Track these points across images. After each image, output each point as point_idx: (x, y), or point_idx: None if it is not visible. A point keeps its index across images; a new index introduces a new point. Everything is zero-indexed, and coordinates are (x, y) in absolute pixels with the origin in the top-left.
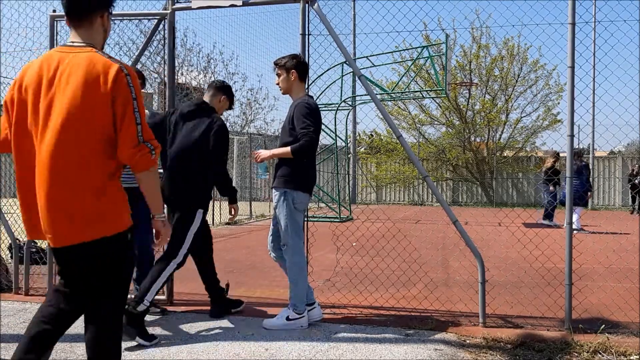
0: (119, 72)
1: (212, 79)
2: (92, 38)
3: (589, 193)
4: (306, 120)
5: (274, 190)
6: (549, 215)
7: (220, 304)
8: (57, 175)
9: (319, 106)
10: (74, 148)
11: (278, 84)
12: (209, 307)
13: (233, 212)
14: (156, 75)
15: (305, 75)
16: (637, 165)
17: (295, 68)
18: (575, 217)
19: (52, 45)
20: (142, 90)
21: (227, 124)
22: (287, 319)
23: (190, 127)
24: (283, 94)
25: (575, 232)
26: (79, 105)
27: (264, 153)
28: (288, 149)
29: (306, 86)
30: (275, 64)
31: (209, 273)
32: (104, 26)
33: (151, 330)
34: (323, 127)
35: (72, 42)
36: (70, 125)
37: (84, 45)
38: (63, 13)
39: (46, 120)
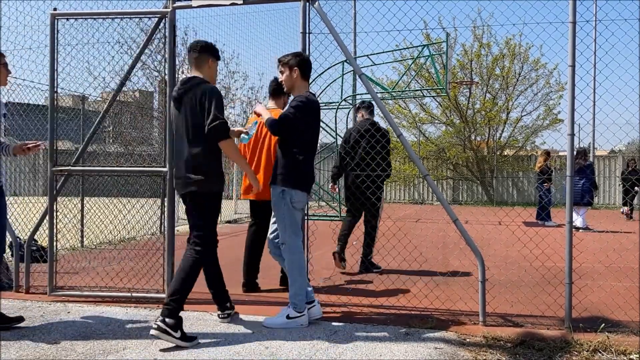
0: None
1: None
2: (281, 106)
3: (594, 192)
4: (292, 108)
5: (272, 189)
6: (548, 214)
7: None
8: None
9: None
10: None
11: (281, 81)
12: (209, 306)
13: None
14: (157, 74)
15: (308, 73)
16: (633, 162)
17: (298, 66)
18: (582, 215)
19: (52, 44)
20: (142, 89)
21: (228, 123)
22: (288, 317)
23: (366, 142)
24: (286, 91)
25: (581, 231)
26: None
27: (260, 107)
28: (269, 117)
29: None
30: (279, 61)
31: None
32: (285, 101)
33: (151, 328)
34: (323, 125)
35: (271, 107)
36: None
37: (276, 108)
38: (64, 11)
39: (265, 142)
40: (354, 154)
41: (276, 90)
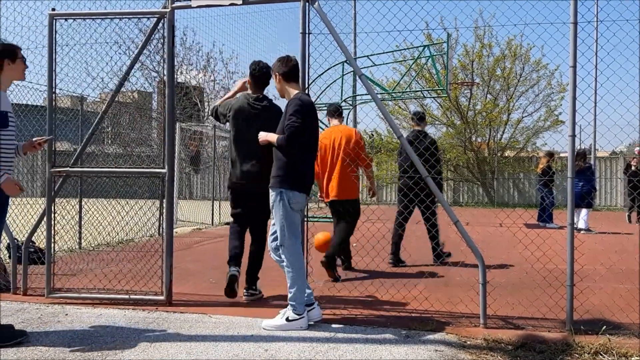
0: (357, 133)
1: (212, 77)
2: (341, 122)
3: (593, 193)
4: (292, 116)
5: (270, 190)
6: (550, 216)
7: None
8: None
9: (319, 105)
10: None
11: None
12: (208, 307)
13: None
14: (155, 74)
15: (292, 75)
16: (635, 160)
17: (278, 71)
18: (584, 217)
19: (51, 45)
20: (141, 90)
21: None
22: (287, 319)
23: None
24: (281, 97)
25: (582, 232)
26: (345, 146)
27: (262, 134)
28: (276, 138)
29: (306, 85)
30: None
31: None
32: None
33: (150, 329)
34: (323, 126)
35: (335, 124)
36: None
37: (339, 124)
38: (63, 12)
39: (337, 151)
40: (406, 161)
41: (333, 113)
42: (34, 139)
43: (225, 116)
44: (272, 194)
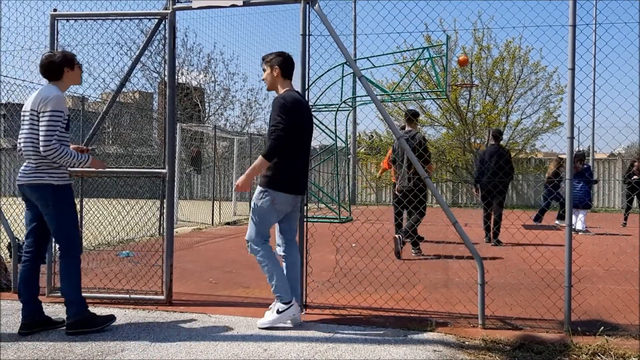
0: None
1: (213, 78)
2: (415, 127)
3: (590, 195)
4: (277, 117)
5: (257, 187)
6: (542, 213)
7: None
8: None
9: (319, 107)
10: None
11: (264, 79)
12: (208, 307)
13: None
14: (156, 75)
15: (289, 72)
16: (636, 161)
17: (279, 65)
18: (582, 219)
19: (52, 45)
20: (142, 91)
21: (227, 125)
22: (277, 312)
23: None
24: (268, 89)
25: (580, 233)
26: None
27: (240, 180)
28: (259, 159)
29: (306, 87)
30: (263, 59)
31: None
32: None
33: (150, 328)
34: (323, 127)
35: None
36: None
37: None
38: (64, 12)
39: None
40: (486, 169)
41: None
42: (83, 146)
43: None
44: (257, 191)
